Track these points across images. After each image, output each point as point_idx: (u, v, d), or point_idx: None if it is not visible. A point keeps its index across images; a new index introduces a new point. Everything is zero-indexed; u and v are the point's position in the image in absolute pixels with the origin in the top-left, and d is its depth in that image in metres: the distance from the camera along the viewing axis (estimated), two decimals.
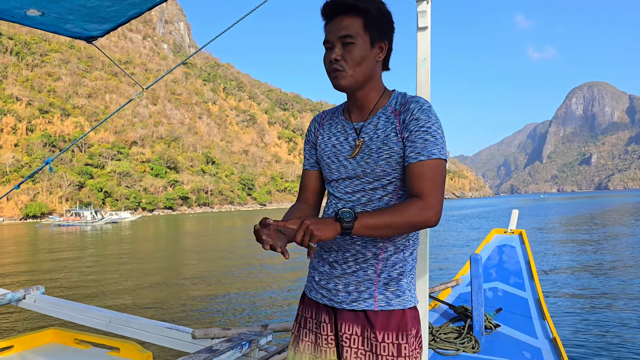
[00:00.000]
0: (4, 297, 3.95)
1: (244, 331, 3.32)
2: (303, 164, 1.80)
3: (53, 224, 75.86)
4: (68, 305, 3.87)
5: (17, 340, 1.91)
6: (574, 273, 11.56)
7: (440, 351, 3.42)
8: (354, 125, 1.63)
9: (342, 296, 1.58)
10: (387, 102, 1.60)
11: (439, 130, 1.50)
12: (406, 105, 1.54)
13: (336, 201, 1.64)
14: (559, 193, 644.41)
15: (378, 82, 1.62)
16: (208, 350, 2.93)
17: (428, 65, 2.24)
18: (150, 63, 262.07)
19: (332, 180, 1.67)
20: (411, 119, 1.51)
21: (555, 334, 3.66)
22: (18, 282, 13.38)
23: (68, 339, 1.98)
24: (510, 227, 5.09)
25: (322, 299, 1.64)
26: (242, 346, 3.03)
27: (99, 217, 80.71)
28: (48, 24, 2.66)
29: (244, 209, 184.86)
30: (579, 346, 5.95)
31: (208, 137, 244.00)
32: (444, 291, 4.57)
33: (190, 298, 9.98)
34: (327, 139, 1.70)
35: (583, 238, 20.79)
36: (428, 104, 1.54)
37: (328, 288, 1.62)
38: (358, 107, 1.63)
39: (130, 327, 3.45)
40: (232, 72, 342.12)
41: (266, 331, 3.34)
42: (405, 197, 1.56)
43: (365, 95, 1.60)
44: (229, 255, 18.99)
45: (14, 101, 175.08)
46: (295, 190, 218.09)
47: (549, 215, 42.07)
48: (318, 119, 1.78)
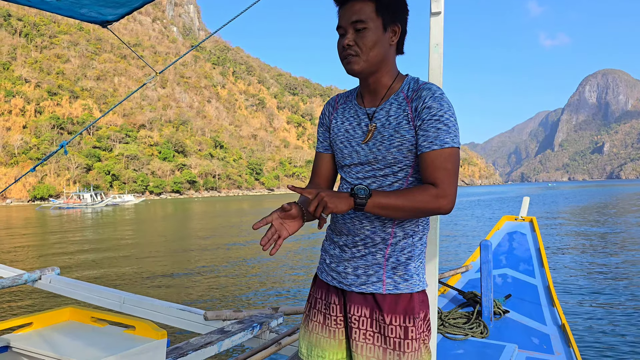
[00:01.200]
0: (21, 278, 4.02)
1: (255, 313, 3.36)
2: (316, 147, 1.80)
3: (53, 206, 76.17)
4: (83, 286, 3.94)
5: (35, 317, 1.95)
6: (584, 260, 11.54)
7: (449, 336, 3.45)
8: (367, 110, 1.62)
9: (351, 279, 1.60)
10: (399, 88, 1.59)
11: (451, 118, 1.49)
12: (418, 92, 1.53)
13: (347, 186, 1.64)
14: (569, 182, 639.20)
15: (391, 66, 1.61)
16: (220, 331, 2.98)
17: (441, 51, 2.23)
18: (160, 46, 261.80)
19: (344, 166, 1.67)
20: (423, 107, 1.49)
21: (564, 320, 3.67)
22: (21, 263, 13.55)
23: (85, 317, 2.02)
24: (521, 214, 5.09)
25: (332, 281, 1.67)
26: (253, 328, 3.07)
27: (98, 200, 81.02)
28: (64, 8, 2.68)
29: (252, 193, 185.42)
30: (588, 333, 5.96)
31: (217, 121, 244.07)
32: (454, 277, 4.59)
33: (200, 279, 10.08)
34: (341, 124, 1.69)
35: (594, 226, 20.72)
36: (440, 91, 1.52)
37: (338, 271, 1.64)
38: (370, 92, 1.63)
39: (143, 308, 3.51)
40: (242, 55, 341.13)
41: (277, 314, 3.38)
42: (415, 185, 1.56)
43: (378, 80, 1.59)
44: (237, 240, 19.11)
45: (23, 83, 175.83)
46: (303, 175, 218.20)
47: (560, 203, 41.92)
48: (332, 103, 1.77)
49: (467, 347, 3.25)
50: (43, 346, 1.73)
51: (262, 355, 2.84)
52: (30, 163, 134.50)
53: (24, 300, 8.50)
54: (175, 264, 12.57)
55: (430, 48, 2.25)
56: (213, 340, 2.80)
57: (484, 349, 3.18)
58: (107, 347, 1.72)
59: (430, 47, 2.24)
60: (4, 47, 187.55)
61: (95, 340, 1.78)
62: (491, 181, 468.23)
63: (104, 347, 1.71)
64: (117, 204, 76.54)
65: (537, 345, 3.37)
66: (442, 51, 2.26)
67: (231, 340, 2.88)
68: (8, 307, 8.04)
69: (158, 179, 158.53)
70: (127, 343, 1.76)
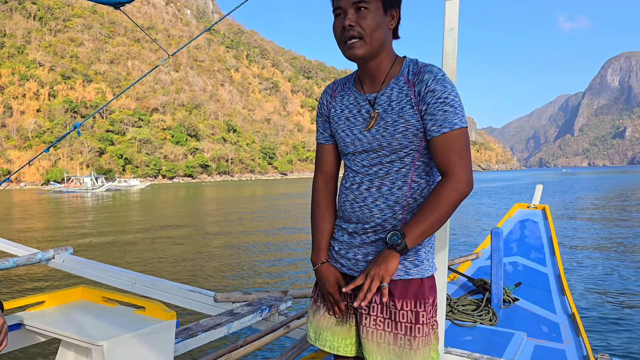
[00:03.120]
0: (35, 256, 4.08)
1: (264, 296, 3.39)
2: (316, 137, 1.79)
3: (52, 190, 75.06)
4: (95, 266, 3.99)
5: (48, 296, 1.99)
6: (597, 250, 11.45)
7: (458, 322, 3.45)
8: (367, 96, 1.60)
9: (361, 265, 1.60)
10: (399, 72, 1.57)
11: (456, 98, 1.48)
12: (419, 76, 1.51)
13: (353, 174, 1.64)
14: (589, 167, 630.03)
15: (390, 51, 1.58)
16: (229, 313, 3.00)
17: (455, 35, 2.20)
18: (173, 29, 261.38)
19: (348, 154, 1.65)
20: (427, 91, 1.48)
21: (574, 309, 3.65)
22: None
23: (96, 297, 2.05)
24: (533, 202, 5.05)
25: (341, 268, 1.66)
26: (262, 310, 3.10)
27: (99, 184, 79.67)
28: None
29: (265, 178, 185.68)
30: (599, 323, 5.94)
31: (230, 104, 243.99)
32: (464, 264, 4.59)
33: (210, 262, 10.16)
34: (340, 112, 1.67)
35: (610, 214, 20.51)
36: (442, 72, 1.51)
37: (348, 257, 1.64)
38: (370, 77, 1.60)
39: (154, 289, 3.55)
40: (256, 39, 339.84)
41: (286, 297, 3.41)
42: (422, 168, 1.57)
43: (378, 65, 1.57)
44: (247, 227, 19.21)
45: (37, 66, 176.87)
46: None
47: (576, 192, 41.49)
48: (329, 91, 1.74)
49: (475, 334, 3.25)
50: (55, 324, 1.76)
51: (271, 338, 2.87)
52: (44, 146, 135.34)
53: (37, 279, 8.64)
54: (182, 250, 12.68)
55: (444, 32, 2.22)
56: (222, 321, 2.83)
57: (493, 336, 3.18)
58: (117, 326, 1.74)
59: (445, 32, 2.21)
60: (18, 31, 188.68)
61: (106, 320, 1.81)
62: (508, 166, 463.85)
63: (114, 327, 1.74)
64: (119, 189, 75.57)
65: (546, 333, 3.36)
66: (457, 35, 2.23)
67: (240, 322, 2.91)
68: (22, 286, 8.18)
69: (170, 163, 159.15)
70: (136, 323, 1.78)
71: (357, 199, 1.61)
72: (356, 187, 1.62)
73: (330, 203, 1.76)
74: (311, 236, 1.77)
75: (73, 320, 1.81)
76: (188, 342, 2.55)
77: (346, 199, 1.65)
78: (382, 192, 1.57)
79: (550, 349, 3.10)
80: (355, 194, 1.62)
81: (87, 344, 1.62)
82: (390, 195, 1.56)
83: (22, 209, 32.81)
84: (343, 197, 1.68)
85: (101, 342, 1.59)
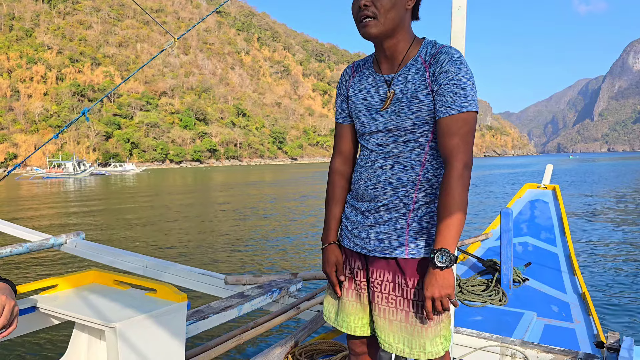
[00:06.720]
0: (47, 242, 4.14)
1: (274, 278, 3.42)
2: (335, 117, 1.81)
3: (33, 175, 67.07)
4: (107, 250, 4.03)
5: (61, 280, 2.01)
6: (608, 230, 11.39)
7: (468, 303, 3.46)
8: (385, 77, 1.61)
9: (374, 244, 1.62)
10: (417, 52, 1.57)
11: (469, 82, 1.48)
12: (436, 57, 1.51)
13: (368, 153, 1.65)
14: (608, 153, 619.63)
15: (408, 31, 1.58)
16: (240, 295, 3.03)
17: (464, 13, 2.17)
18: (183, 11, 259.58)
19: (364, 134, 1.67)
20: (440, 72, 1.49)
21: (584, 289, 3.65)
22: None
23: (108, 280, 2.08)
24: (543, 182, 5.02)
25: (354, 247, 1.68)
26: (273, 292, 3.12)
27: (81, 169, 74.25)
28: None
29: (274, 162, 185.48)
30: (609, 303, 5.92)
31: (240, 88, 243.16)
32: (473, 244, 4.58)
33: (221, 245, 10.24)
34: (358, 92, 1.68)
35: (622, 196, 20.35)
36: (459, 54, 1.51)
37: (360, 237, 1.66)
38: (387, 58, 1.60)
39: (165, 272, 3.59)
40: (268, 21, 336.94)
41: (296, 279, 3.43)
42: (436, 149, 1.57)
43: (395, 45, 1.57)
44: (256, 212, 19.28)
45: (45, 49, 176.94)
46: (327, 144, 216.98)
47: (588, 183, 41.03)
48: (349, 72, 1.75)
49: (485, 314, 3.26)
50: (68, 307, 1.79)
51: (281, 319, 2.89)
52: (50, 130, 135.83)
53: (50, 263, 8.76)
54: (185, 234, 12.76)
55: (452, 10, 2.19)
56: (233, 304, 2.86)
57: (502, 316, 3.18)
58: (130, 308, 1.77)
59: (453, 10, 2.18)
60: (26, 14, 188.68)
61: (118, 303, 1.83)
62: (524, 152, 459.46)
63: (126, 309, 1.76)
64: (108, 174, 71.46)
65: (556, 313, 3.36)
66: (465, 14, 2.19)
67: (251, 304, 2.93)
68: (35, 272, 8.30)
69: (178, 147, 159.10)
70: (148, 305, 1.80)
71: (371, 176, 1.62)
72: (370, 165, 1.64)
73: (343, 190, 1.80)
74: (324, 216, 1.82)
75: (86, 303, 1.83)
76: (199, 324, 2.58)
77: (360, 177, 1.67)
78: (395, 170, 1.58)
79: (560, 329, 3.10)
80: (369, 172, 1.64)
81: (100, 325, 1.64)
82: (404, 174, 1.57)
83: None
84: (357, 175, 1.70)
85: (114, 323, 1.61)
